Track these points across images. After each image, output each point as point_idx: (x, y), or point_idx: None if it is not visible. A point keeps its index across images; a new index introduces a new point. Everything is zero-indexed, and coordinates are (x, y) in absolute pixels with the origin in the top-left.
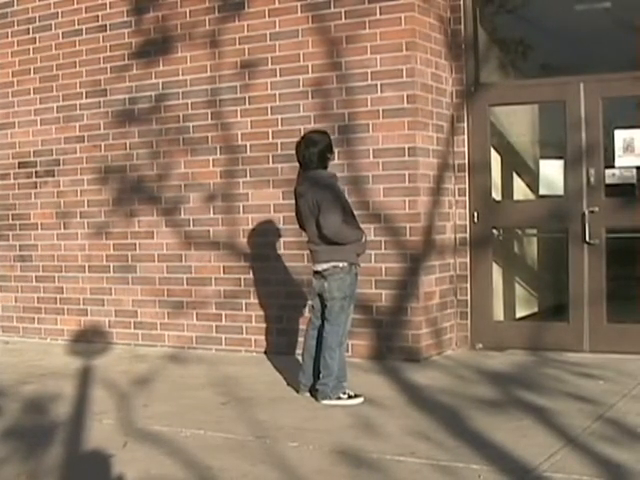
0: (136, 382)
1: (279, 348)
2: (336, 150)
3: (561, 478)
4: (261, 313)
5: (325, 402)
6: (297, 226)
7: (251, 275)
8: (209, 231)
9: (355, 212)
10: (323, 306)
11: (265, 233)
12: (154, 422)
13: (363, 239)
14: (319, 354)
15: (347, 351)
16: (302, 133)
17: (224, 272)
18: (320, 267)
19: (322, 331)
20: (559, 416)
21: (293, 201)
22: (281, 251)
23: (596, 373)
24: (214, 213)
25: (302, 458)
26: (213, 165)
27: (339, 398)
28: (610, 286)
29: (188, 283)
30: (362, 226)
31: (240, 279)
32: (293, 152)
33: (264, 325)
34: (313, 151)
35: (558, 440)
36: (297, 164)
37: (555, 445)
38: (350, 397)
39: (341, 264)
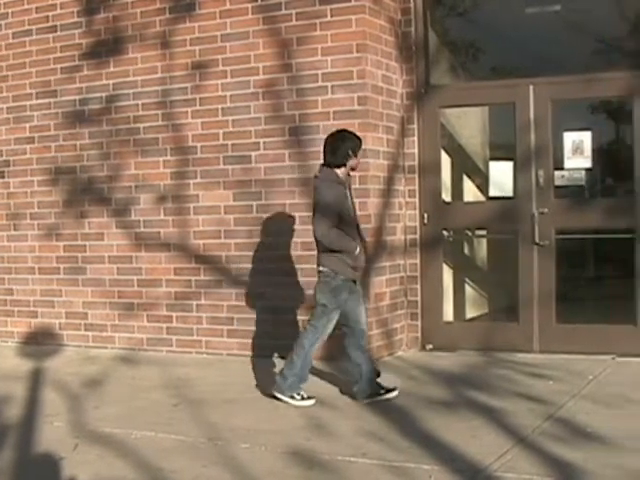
0: (87, 384)
1: (230, 350)
2: (286, 152)
3: (511, 478)
4: (212, 315)
5: (277, 395)
6: (248, 228)
7: (202, 277)
8: (160, 232)
9: (306, 214)
10: None
11: (216, 234)
12: (105, 424)
13: (356, 251)
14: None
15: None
16: (253, 134)
17: (175, 274)
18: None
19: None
20: (509, 416)
21: (248, 202)
22: (231, 252)
23: (546, 373)
24: (165, 214)
25: (254, 459)
26: (164, 166)
27: (292, 397)
28: (559, 287)
29: (139, 285)
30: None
31: (191, 281)
32: (244, 153)
33: (215, 327)
34: (335, 145)
35: (509, 440)
36: (248, 165)
37: (506, 445)
38: (303, 398)
39: (325, 270)
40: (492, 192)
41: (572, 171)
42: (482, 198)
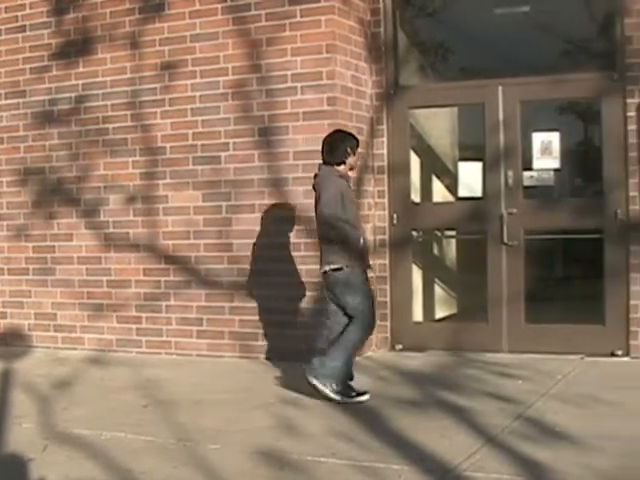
0: (56, 385)
1: (199, 350)
2: (256, 152)
3: (481, 477)
4: (181, 315)
5: (313, 381)
6: (217, 228)
7: (171, 277)
8: (129, 233)
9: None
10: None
11: (185, 235)
12: (74, 425)
13: (361, 241)
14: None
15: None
16: (222, 135)
17: (144, 274)
18: None
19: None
20: (479, 416)
21: (217, 203)
22: (201, 253)
23: (515, 373)
24: (134, 215)
25: (224, 460)
26: (133, 167)
27: (325, 386)
28: (528, 287)
29: (108, 285)
30: (281, 227)
31: (160, 281)
32: (213, 154)
33: (184, 327)
34: (334, 144)
35: (478, 439)
36: (217, 166)
37: (475, 444)
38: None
39: (336, 267)
40: (461, 193)
41: (541, 172)
42: (451, 199)
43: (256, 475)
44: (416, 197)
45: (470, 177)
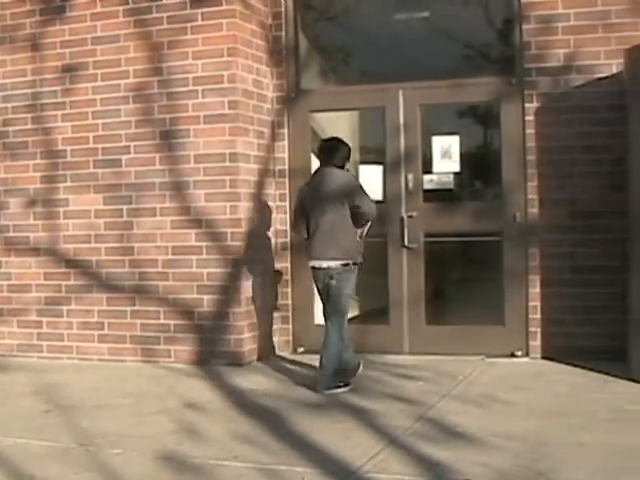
0: None
1: (101, 355)
2: (157, 155)
3: (384, 478)
4: (82, 320)
5: (327, 392)
6: (118, 232)
7: (72, 281)
8: (29, 237)
9: (176, 217)
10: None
11: (86, 239)
12: None
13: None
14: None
15: (170, 356)
16: (123, 138)
17: (45, 278)
18: None
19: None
20: (381, 417)
21: (118, 206)
22: (102, 257)
23: (416, 374)
24: (34, 219)
25: (126, 464)
26: (33, 170)
27: (338, 387)
28: (429, 289)
29: (8, 290)
30: (184, 231)
31: (61, 285)
32: (114, 157)
33: (86, 332)
34: (335, 148)
35: (380, 441)
36: (118, 169)
37: (377, 446)
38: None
39: (347, 261)
40: None
41: (441, 175)
42: None
43: (158, 479)
44: None
45: (371, 180)
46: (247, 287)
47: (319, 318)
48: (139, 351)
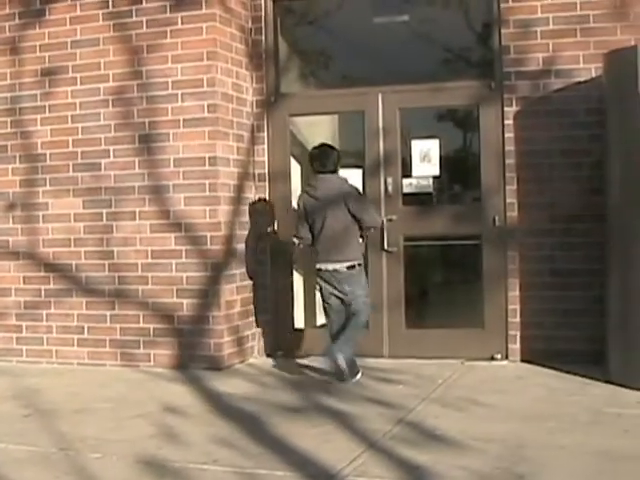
0: None
1: (81, 359)
2: (136, 159)
3: None
4: (62, 324)
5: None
6: (98, 235)
7: (52, 285)
8: (8, 241)
9: (156, 221)
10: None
11: (66, 242)
12: None
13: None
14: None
15: (150, 360)
16: (102, 141)
17: (24, 282)
18: None
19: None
20: (360, 421)
21: (97, 210)
22: (82, 261)
23: (396, 378)
24: (13, 222)
25: (106, 469)
26: (12, 174)
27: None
28: (408, 292)
29: None
30: (163, 235)
31: (40, 289)
32: (94, 161)
33: (65, 336)
34: (328, 153)
35: (360, 444)
36: (97, 173)
37: (357, 449)
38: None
39: (355, 263)
40: None
41: (420, 179)
42: None
43: None
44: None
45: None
46: (226, 291)
47: (299, 322)
48: (119, 355)
